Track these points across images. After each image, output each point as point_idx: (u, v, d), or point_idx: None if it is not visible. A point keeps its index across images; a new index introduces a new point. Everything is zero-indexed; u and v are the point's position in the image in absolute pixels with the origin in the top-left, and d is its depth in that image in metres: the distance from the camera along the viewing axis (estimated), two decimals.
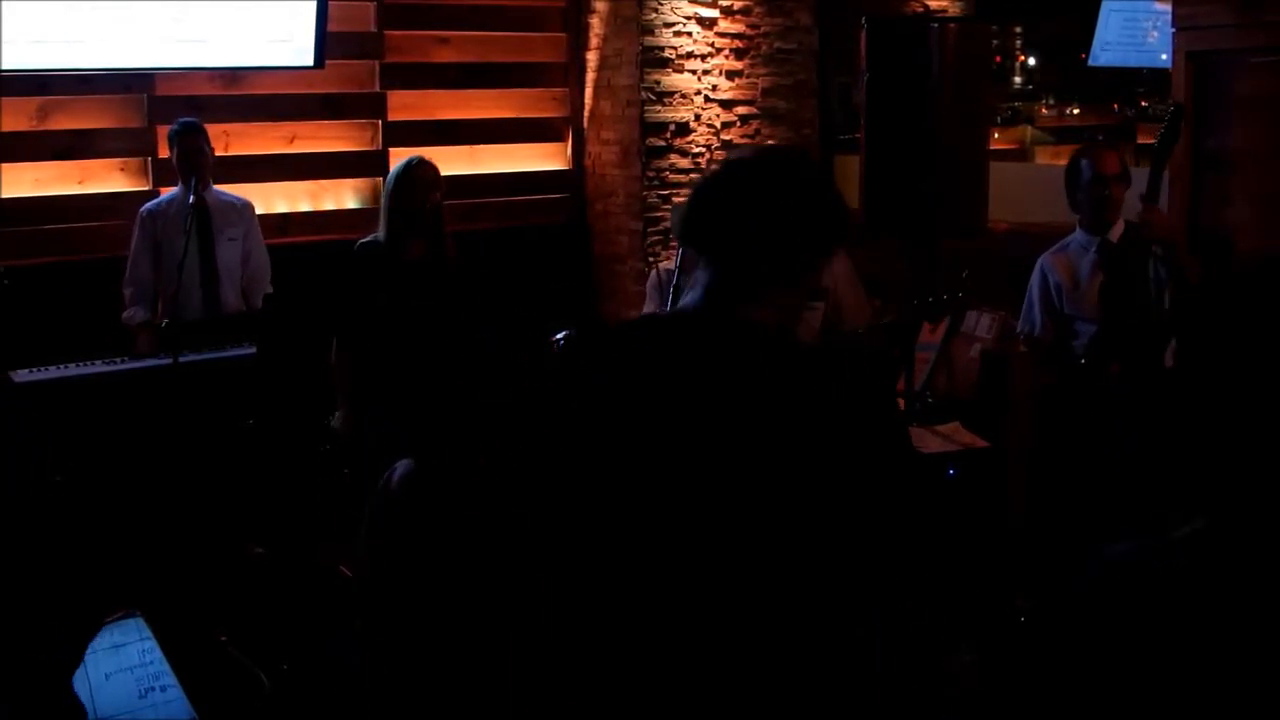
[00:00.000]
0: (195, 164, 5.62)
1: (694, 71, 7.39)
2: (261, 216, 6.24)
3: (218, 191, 5.84)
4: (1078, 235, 4.87)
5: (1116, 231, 4.72)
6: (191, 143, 5.67)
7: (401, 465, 3.16)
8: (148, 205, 5.83)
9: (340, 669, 4.17)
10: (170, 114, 6.37)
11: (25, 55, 5.89)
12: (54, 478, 4.95)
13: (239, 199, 5.95)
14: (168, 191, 5.97)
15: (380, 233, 5.06)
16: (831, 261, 4.50)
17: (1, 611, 4.06)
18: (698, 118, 7.44)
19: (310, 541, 5.19)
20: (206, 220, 5.61)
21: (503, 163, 7.66)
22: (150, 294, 5.70)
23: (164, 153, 6.37)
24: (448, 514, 2.98)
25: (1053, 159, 10.44)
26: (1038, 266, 4.92)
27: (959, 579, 4.14)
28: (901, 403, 4.59)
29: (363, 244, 5.12)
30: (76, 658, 2.54)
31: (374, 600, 3.11)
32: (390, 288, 4.95)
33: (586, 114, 7.79)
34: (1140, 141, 10.93)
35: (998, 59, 11.30)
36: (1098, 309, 4.63)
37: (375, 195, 7.22)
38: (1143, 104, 11.27)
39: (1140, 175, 4.67)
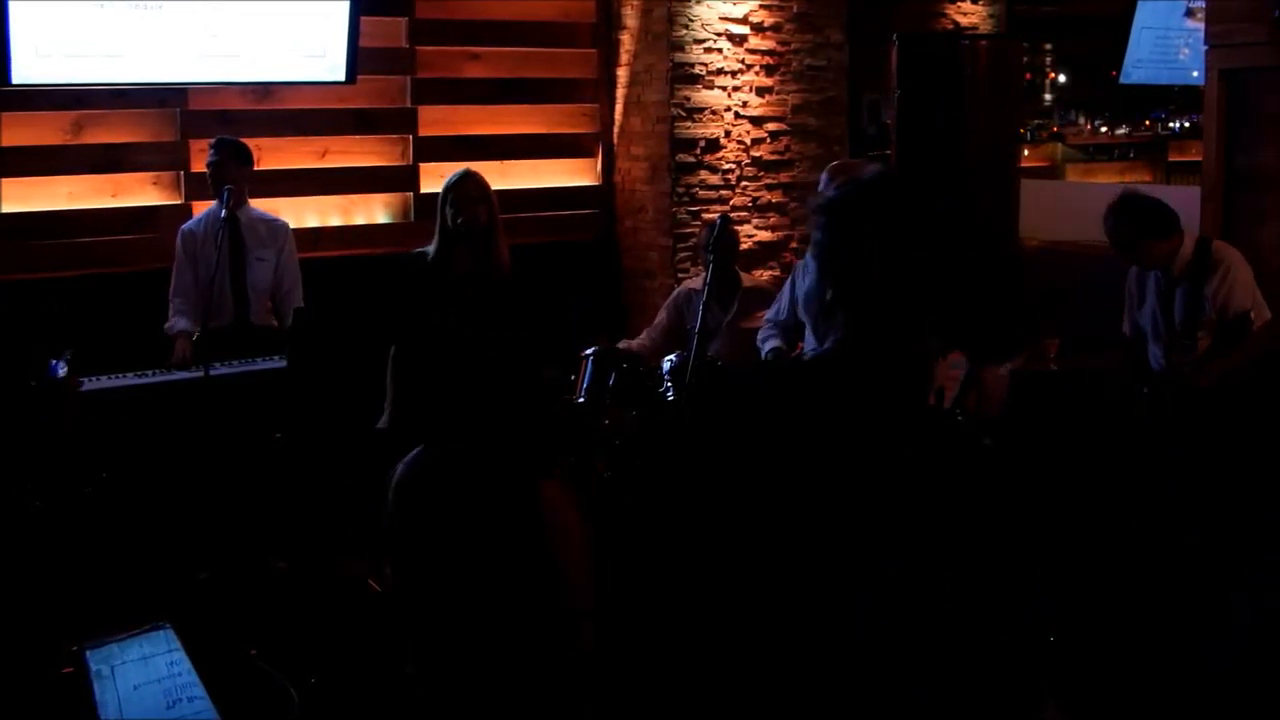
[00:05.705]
0: (223, 177, 5.65)
1: (724, 88, 7.40)
2: (293, 231, 6.24)
3: (254, 210, 5.83)
4: None
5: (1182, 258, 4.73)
6: (224, 157, 5.70)
7: (409, 456, 3.28)
8: (187, 223, 5.86)
9: (369, 682, 4.18)
10: (202, 128, 6.42)
11: (62, 70, 5.95)
12: (100, 474, 4.99)
13: (276, 220, 5.92)
14: (204, 208, 5.99)
15: (431, 244, 5.14)
16: None
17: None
18: (728, 134, 7.45)
19: (337, 555, 5.21)
20: (239, 238, 5.64)
21: (533, 178, 7.68)
22: (194, 307, 5.72)
23: (196, 167, 6.43)
24: (456, 492, 3.09)
25: (1084, 176, 10.41)
26: (1131, 270, 4.98)
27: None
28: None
29: (411, 254, 5.20)
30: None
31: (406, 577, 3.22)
32: (431, 298, 4.99)
33: (616, 130, 7.81)
34: (1171, 159, 10.89)
35: (1028, 76, 11.26)
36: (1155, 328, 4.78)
37: (406, 210, 7.26)
38: (1171, 124, 11.23)
39: None
